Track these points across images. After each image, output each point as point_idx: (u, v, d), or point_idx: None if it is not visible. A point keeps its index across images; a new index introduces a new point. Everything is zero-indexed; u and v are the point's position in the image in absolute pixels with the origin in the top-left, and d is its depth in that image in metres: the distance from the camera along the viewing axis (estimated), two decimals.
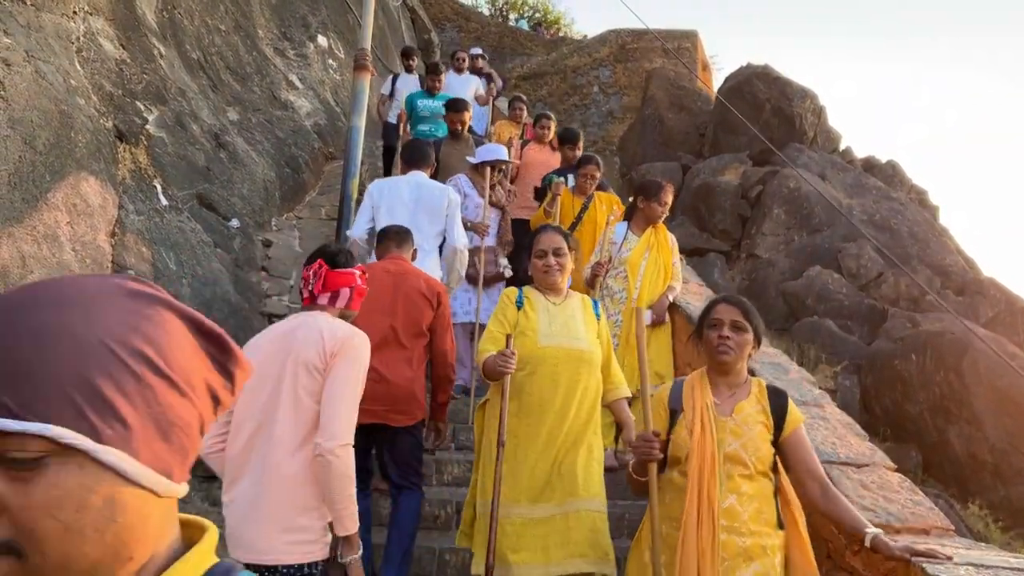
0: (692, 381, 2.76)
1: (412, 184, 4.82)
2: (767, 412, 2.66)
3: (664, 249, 5.21)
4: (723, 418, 2.64)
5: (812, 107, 12.68)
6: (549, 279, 3.31)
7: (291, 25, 9.77)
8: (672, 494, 2.66)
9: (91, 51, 5.07)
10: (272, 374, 2.54)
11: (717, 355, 2.68)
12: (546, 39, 20.54)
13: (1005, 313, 9.10)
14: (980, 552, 2.85)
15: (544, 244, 3.34)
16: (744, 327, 2.69)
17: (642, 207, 5.22)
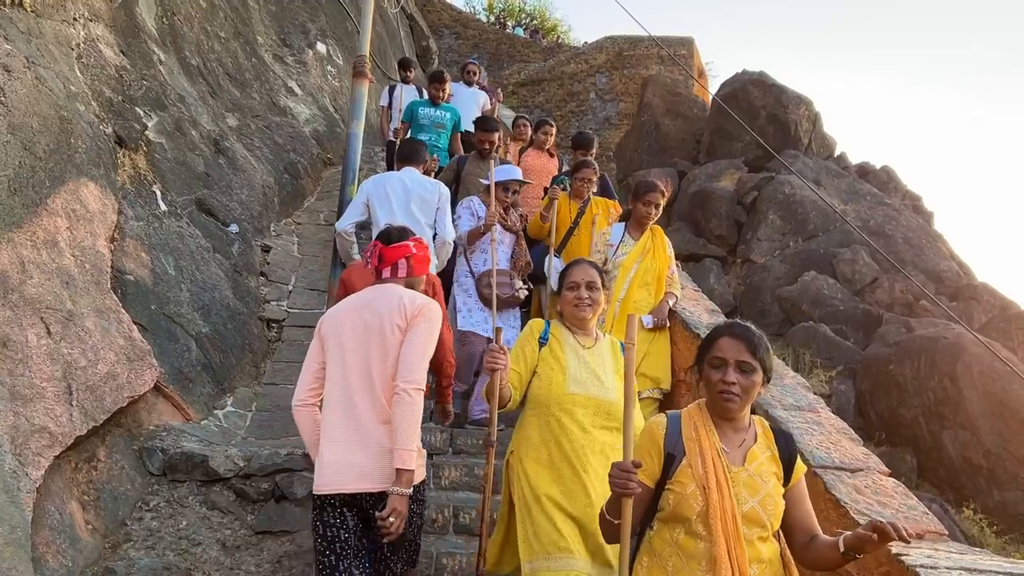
0: (693, 419, 2.32)
1: (405, 179, 5.05)
2: (777, 460, 2.29)
3: (659, 255, 5.01)
4: (736, 469, 2.23)
5: (807, 113, 12.75)
6: (580, 313, 3.06)
7: (290, 32, 9.81)
8: (680, 560, 2.20)
9: (91, 57, 5.10)
10: (360, 338, 3.01)
11: (721, 402, 2.26)
12: (543, 46, 20.61)
13: (999, 318, 9.15)
14: (974, 557, 2.87)
15: (577, 276, 3.11)
16: (752, 367, 2.25)
17: (630, 207, 5.09)
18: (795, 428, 3.81)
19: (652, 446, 2.31)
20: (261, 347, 5.81)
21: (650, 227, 5.03)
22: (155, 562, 3.76)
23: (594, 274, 3.12)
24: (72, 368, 3.70)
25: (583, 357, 3.02)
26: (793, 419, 3.91)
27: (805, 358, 8.62)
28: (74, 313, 3.86)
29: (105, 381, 3.91)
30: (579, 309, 3.06)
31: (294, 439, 4.99)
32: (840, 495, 3.25)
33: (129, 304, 4.48)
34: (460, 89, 9.13)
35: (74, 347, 3.77)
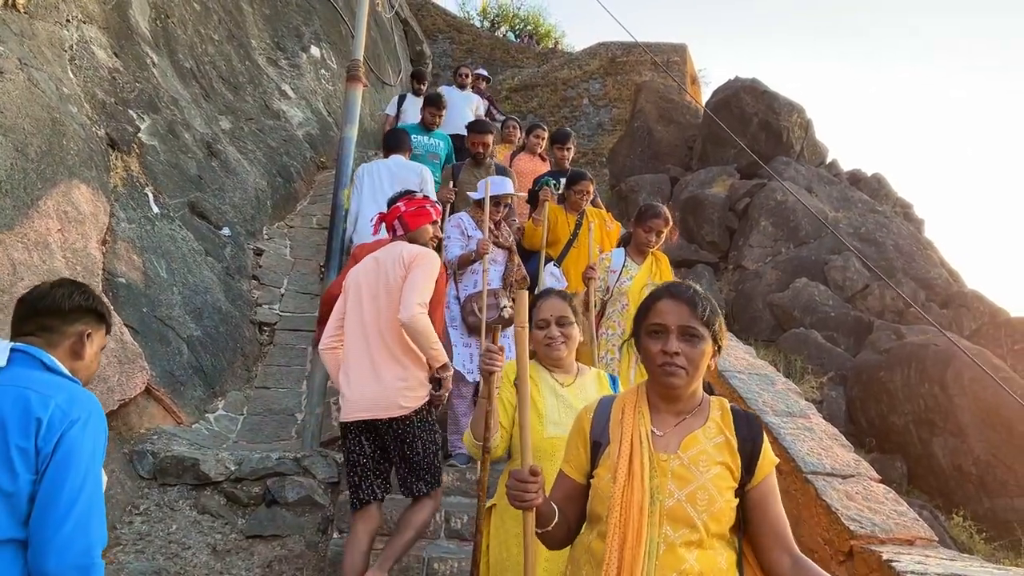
0: (624, 401, 1.98)
1: (391, 165, 5.67)
2: (732, 448, 1.86)
3: (665, 279, 4.64)
4: (664, 455, 1.84)
5: (799, 120, 12.80)
6: (553, 353, 2.77)
7: (284, 35, 9.81)
8: (591, 569, 1.84)
9: (84, 59, 5.09)
10: (372, 290, 3.58)
11: (662, 377, 1.87)
12: (537, 51, 20.65)
13: (988, 326, 9.19)
14: (963, 563, 2.89)
15: (545, 313, 2.80)
16: (699, 333, 1.87)
17: (631, 231, 4.82)
18: (787, 434, 3.83)
19: (578, 435, 2.02)
20: (253, 350, 5.79)
21: (652, 252, 4.78)
22: (145, 566, 3.74)
23: (563, 307, 2.82)
24: None
25: (562, 396, 2.74)
26: (785, 425, 3.93)
27: (796, 364, 8.64)
28: None
29: (95, 384, 3.89)
30: (552, 348, 2.76)
31: (285, 443, 4.97)
32: (831, 501, 3.27)
33: (120, 306, 4.47)
34: (451, 92, 9.09)
35: None
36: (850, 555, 3.04)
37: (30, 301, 2.13)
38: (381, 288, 3.55)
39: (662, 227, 4.65)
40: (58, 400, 1.90)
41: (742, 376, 4.55)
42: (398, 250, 3.62)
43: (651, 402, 1.95)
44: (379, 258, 3.66)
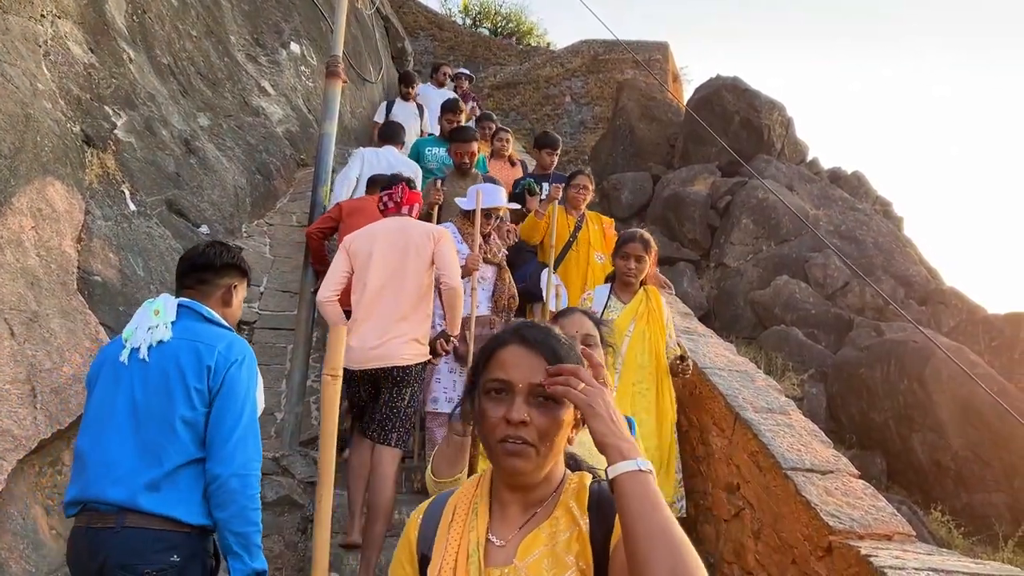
0: (458, 499, 1.49)
1: (388, 156, 6.18)
2: (584, 538, 1.37)
3: (654, 320, 4.14)
4: (497, 570, 1.37)
5: (780, 119, 12.86)
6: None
7: (264, 31, 9.73)
8: None
9: (59, 55, 5.02)
10: (397, 251, 4.01)
11: (503, 458, 1.37)
12: (519, 49, 20.63)
13: (967, 323, 9.28)
14: (941, 557, 2.90)
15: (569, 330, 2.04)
16: (558, 401, 1.37)
17: (614, 264, 4.32)
18: (767, 431, 3.84)
19: (404, 548, 1.52)
20: None
21: (645, 288, 4.26)
22: None
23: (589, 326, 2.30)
24: (36, 370, 3.63)
25: None
26: (765, 421, 3.94)
27: (777, 361, 8.69)
28: (39, 314, 3.79)
29: (71, 384, 3.84)
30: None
31: (264, 442, 4.93)
32: (811, 497, 3.28)
33: (96, 305, 4.41)
34: (428, 91, 8.99)
35: (39, 349, 3.70)
36: (829, 551, 3.05)
37: (189, 259, 2.70)
38: (411, 255, 4.01)
39: (640, 251, 4.13)
40: (220, 348, 2.45)
41: (722, 373, 4.56)
42: (425, 227, 4.19)
43: (496, 495, 1.46)
44: (401, 228, 4.14)
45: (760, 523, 3.76)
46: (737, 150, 10.74)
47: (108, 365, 2.51)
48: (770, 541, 3.63)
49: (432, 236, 4.08)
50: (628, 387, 3.99)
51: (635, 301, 4.19)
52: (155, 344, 2.44)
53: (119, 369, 2.45)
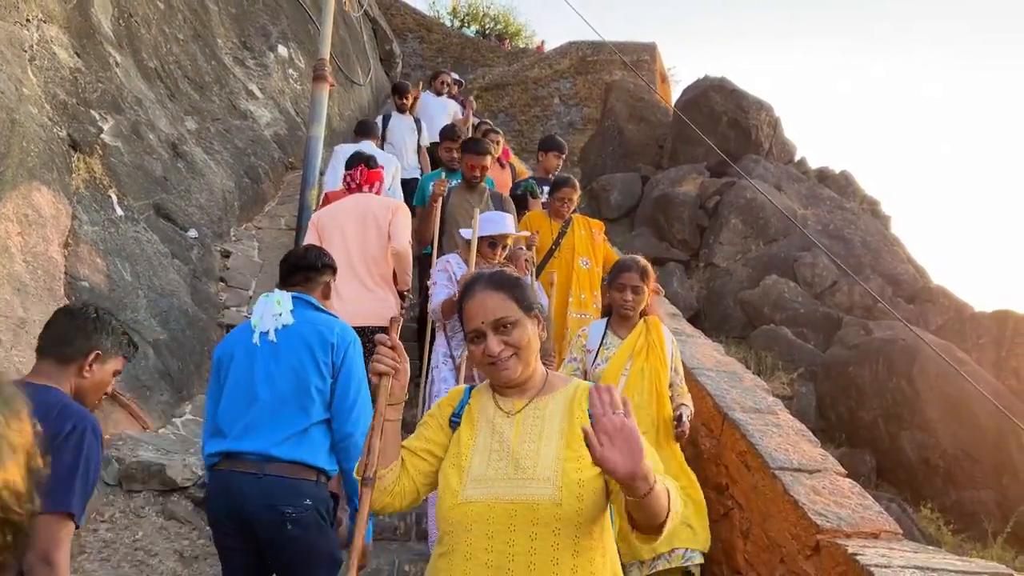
0: None
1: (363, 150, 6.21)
2: None
3: (655, 355, 3.69)
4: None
5: (768, 119, 12.92)
6: (501, 376, 1.84)
7: (251, 35, 9.71)
8: None
9: (44, 59, 5.00)
10: (359, 223, 4.53)
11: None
12: (507, 50, 20.65)
13: (954, 320, 9.34)
14: (927, 555, 2.92)
15: (475, 320, 1.85)
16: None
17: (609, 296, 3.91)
18: (755, 430, 3.85)
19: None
20: None
21: (645, 319, 3.83)
22: (110, 574, 3.68)
23: (501, 303, 1.85)
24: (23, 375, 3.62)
25: (502, 432, 1.82)
26: (753, 421, 3.95)
27: (767, 361, 8.72)
28: (26, 320, 3.78)
29: None
30: (497, 369, 1.83)
31: None
32: (798, 496, 3.29)
33: None
34: (428, 99, 8.84)
35: (26, 355, 3.68)
36: (817, 549, 3.07)
37: (294, 260, 3.21)
38: (371, 226, 4.53)
39: (636, 280, 3.74)
40: (337, 330, 2.94)
41: (710, 373, 4.57)
42: (383, 200, 4.77)
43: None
44: (361, 203, 4.64)
45: (749, 523, 3.77)
46: (725, 150, 10.78)
47: (240, 347, 2.97)
48: (759, 540, 3.64)
49: (389, 208, 4.65)
50: None
51: (633, 335, 3.74)
52: (281, 328, 2.93)
53: (252, 349, 2.93)
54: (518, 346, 1.83)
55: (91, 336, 2.35)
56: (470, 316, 1.86)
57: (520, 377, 1.87)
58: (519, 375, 1.86)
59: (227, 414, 2.88)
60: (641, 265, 3.82)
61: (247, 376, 2.89)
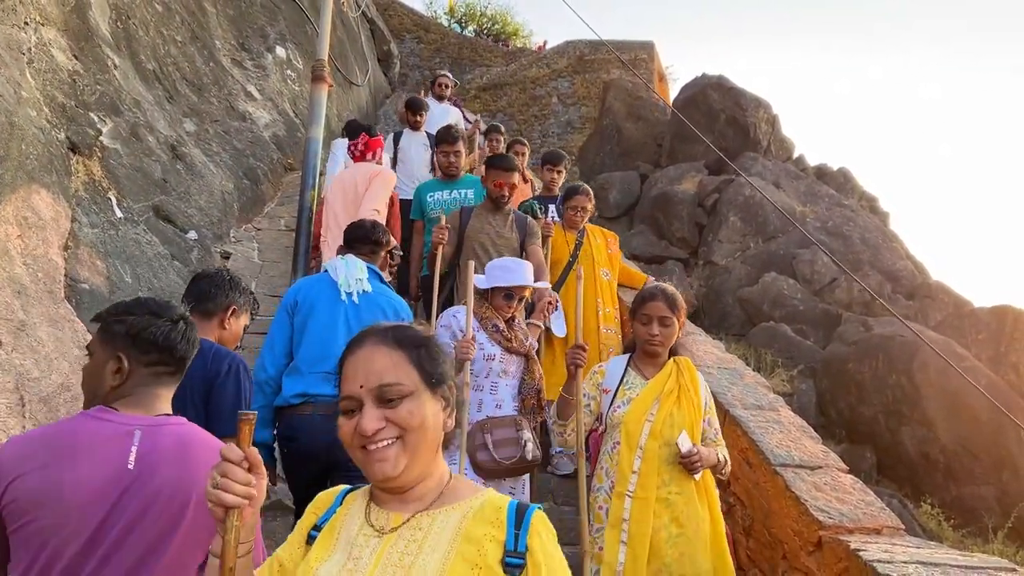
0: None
1: None
2: None
3: (687, 399, 3.09)
4: None
5: (766, 116, 12.92)
6: (371, 465, 1.34)
7: (249, 36, 9.71)
8: None
9: (43, 62, 5.00)
10: (351, 189, 5.06)
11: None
12: (505, 50, 20.65)
13: (953, 316, 9.34)
14: (929, 551, 2.93)
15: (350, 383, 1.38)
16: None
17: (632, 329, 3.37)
18: (756, 427, 3.86)
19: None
20: None
21: (675, 359, 3.24)
22: None
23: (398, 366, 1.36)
24: (24, 379, 3.62)
25: (359, 558, 1.31)
26: (754, 418, 3.96)
27: (767, 358, 8.72)
28: (26, 323, 3.78)
29: (59, 392, 3.83)
30: (369, 456, 1.33)
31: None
32: (800, 493, 3.30)
33: (84, 313, 4.40)
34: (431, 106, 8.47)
35: (26, 358, 3.68)
36: (819, 545, 3.07)
37: (364, 231, 3.68)
38: (350, 195, 5.01)
39: (664, 311, 3.22)
40: (404, 307, 3.52)
41: (711, 371, 4.58)
42: (365, 168, 5.21)
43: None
44: (352, 174, 5.23)
45: (751, 519, 3.78)
46: (723, 148, 10.79)
47: (323, 300, 3.37)
48: (761, 537, 3.65)
49: (368, 176, 5.16)
50: (651, 492, 2.92)
51: (662, 375, 3.13)
52: (362, 292, 3.38)
53: (336, 303, 3.33)
54: (405, 427, 1.31)
55: (228, 293, 2.82)
56: (346, 377, 1.36)
57: (402, 476, 1.32)
58: (399, 471, 1.31)
59: (308, 357, 3.27)
60: (669, 293, 3.29)
61: (331, 328, 3.29)
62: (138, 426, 1.80)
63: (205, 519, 1.69)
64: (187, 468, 1.77)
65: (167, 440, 1.80)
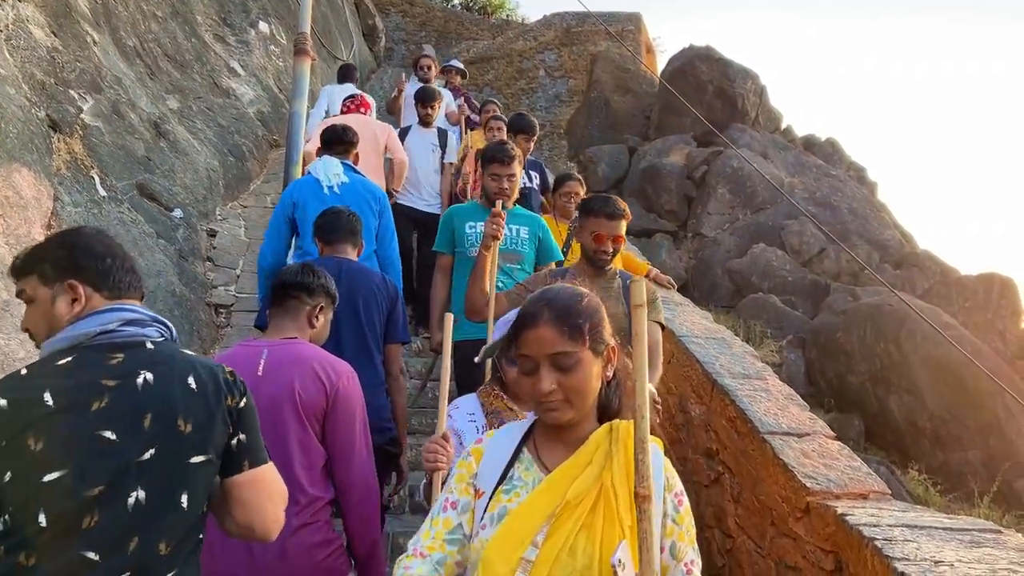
0: None
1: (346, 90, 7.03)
2: None
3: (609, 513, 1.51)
4: None
5: (753, 87, 12.87)
6: None
7: (231, 11, 9.59)
8: None
9: (20, 39, 4.93)
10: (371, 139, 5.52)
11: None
12: (491, 23, 20.45)
13: (940, 284, 9.39)
14: (915, 514, 2.96)
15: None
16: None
17: None
18: (744, 396, 3.88)
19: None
20: (209, 333, 5.71)
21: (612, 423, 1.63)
22: None
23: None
24: (9, 359, 3.60)
25: None
26: (742, 387, 3.98)
27: (756, 329, 8.75)
28: (10, 303, 3.75)
29: None
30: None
31: None
32: (788, 459, 3.33)
33: None
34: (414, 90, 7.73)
35: (11, 338, 3.67)
36: (807, 511, 3.10)
37: (338, 134, 4.52)
38: (369, 141, 5.40)
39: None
40: (379, 190, 4.43)
41: (699, 341, 4.59)
42: (380, 122, 5.99)
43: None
44: (363, 120, 5.67)
45: (739, 487, 3.81)
46: (712, 120, 10.74)
47: (311, 195, 4.11)
48: (749, 504, 3.68)
49: (386, 129, 5.84)
50: None
51: (577, 459, 1.59)
52: (341, 183, 4.15)
53: (323, 197, 4.06)
54: None
55: None
56: None
57: None
58: None
59: (310, 243, 3.85)
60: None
61: None
62: (267, 347, 2.54)
63: (311, 406, 2.46)
64: (297, 373, 2.47)
65: (287, 354, 2.52)
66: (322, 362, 2.51)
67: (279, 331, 2.62)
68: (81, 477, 1.56)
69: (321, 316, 2.71)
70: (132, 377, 1.65)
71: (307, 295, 2.66)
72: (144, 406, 1.64)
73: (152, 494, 1.62)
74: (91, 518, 1.56)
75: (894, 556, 2.39)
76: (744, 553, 3.72)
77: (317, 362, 2.50)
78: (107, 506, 1.57)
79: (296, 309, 2.64)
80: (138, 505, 1.60)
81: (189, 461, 1.67)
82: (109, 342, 1.69)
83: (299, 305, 2.65)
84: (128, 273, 1.82)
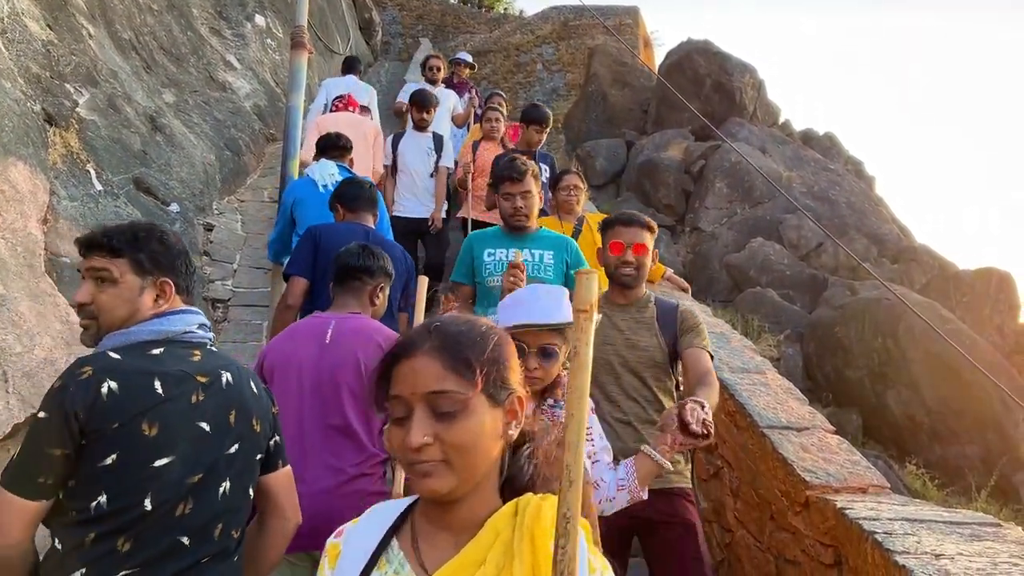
0: None
1: (348, 83, 7.53)
2: None
3: None
4: None
5: (751, 81, 12.84)
6: None
7: (227, 4, 9.54)
8: None
9: (16, 32, 4.89)
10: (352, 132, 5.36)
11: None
12: (488, 17, 20.40)
13: (938, 279, 9.39)
14: (914, 507, 2.96)
15: None
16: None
17: None
18: (743, 390, 3.87)
19: None
20: None
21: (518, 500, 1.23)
22: None
23: None
24: (7, 354, 3.58)
25: None
26: (741, 381, 3.97)
27: (754, 323, 8.74)
28: (7, 297, 3.73)
29: (42, 367, 3.79)
30: None
31: None
32: (787, 454, 3.32)
33: (65, 287, 4.35)
34: None
35: (8, 332, 3.65)
36: (806, 505, 3.10)
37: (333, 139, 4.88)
38: (360, 139, 5.66)
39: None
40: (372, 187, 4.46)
41: None
42: (371, 122, 6.54)
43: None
44: (356, 119, 6.13)
45: (739, 481, 3.81)
46: (709, 114, 10.74)
47: (308, 193, 4.45)
48: (748, 498, 3.68)
49: (376, 129, 6.24)
50: None
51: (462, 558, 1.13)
52: (335, 182, 4.37)
53: (318, 195, 4.36)
54: None
55: None
56: None
57: None
58: None
59: None
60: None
61: (319, 210, 4.18)
62: (334, 319, 2.81)
63: None
64: (359, 343, 2.71)
65: (350, 326, 2.79)
66: (382, 334, 2.79)
67: (343, 308, 2.89)
68: (184, 465, 1.70)
69: (380, 294, 2.97)
70: (218, 376, 1.82)
71: (368, 276, 2.91)
72: (230, 404, 1.82)
73: (234, 485, 1.81)
74: (186, 505, 1.71)
75: (895, 549, 2.39)
76: (743, 547, 3.72)
77: (378, 333, 2.78)
78: (202, 494, 1.73)
79: (359, 290, 2.90)
80: (224, 495, 1.78)
81: (256, 458, 1.90)
82: (188, 340, 1.85)
83: (361, 286, 2.91)
84: (195, 280, 2.03)
